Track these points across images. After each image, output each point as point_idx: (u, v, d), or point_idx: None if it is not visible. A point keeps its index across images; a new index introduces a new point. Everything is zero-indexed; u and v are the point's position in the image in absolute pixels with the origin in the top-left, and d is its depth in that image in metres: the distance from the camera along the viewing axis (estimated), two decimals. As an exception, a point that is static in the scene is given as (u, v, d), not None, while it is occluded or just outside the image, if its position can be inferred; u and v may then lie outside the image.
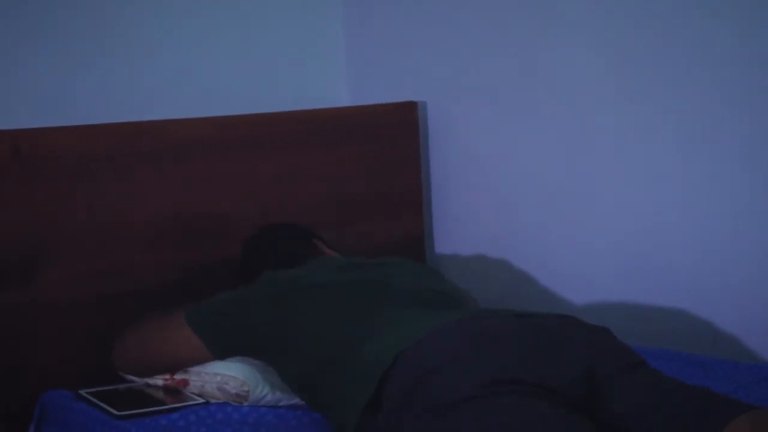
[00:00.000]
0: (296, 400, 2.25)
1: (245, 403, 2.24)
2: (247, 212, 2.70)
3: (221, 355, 2.29)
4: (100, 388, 2.33)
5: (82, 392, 2.30)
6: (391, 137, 3.01)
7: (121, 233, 2.53)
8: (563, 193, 2.81)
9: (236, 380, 2.25)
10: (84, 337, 2.45)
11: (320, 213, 2.84)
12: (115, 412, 2.19)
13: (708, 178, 2.53)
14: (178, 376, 2.32)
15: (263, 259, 2.53)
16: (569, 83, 2.76)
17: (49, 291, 2.42)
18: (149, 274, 2.56)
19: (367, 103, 3.07)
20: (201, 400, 2.25)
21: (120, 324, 2.41)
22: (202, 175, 2.66)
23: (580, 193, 2.77)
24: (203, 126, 2.68)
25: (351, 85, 3.20)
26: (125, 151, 2.55)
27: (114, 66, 2.75)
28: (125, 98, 2.75)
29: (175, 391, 2.31)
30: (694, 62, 2.51)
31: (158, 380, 2.35)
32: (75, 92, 2.68)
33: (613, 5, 2.64)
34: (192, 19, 2.90)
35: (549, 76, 2.79)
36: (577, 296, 2.81)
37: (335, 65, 3.19)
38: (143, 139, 2.58)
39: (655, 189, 2.63)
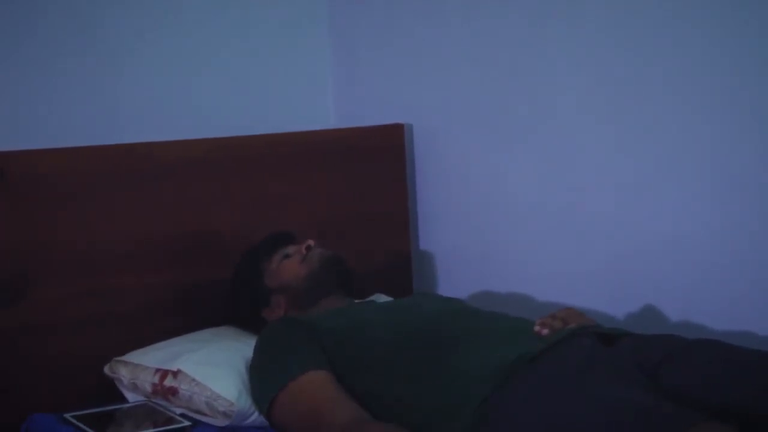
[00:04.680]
0: None
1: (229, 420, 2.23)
2: (233, 233, 2.69)
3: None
4: (84, 411, 2.32)
5: (67, 416, 2.29)
6: (378, 159, 3.02)
7: (108, 254, 2.53)
8: (551, 215, 2.80)
9: (225, 401, 2.24)
10: (71, 358, 2.44)
11: (306, 235, 2.83)
12: (100, 436, 2.20)
13: (698, 200, 2.52)
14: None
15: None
16: (557, 106, 2.75)
17: (36, 312, 2.41)
18: (136, 296, 2.55)
19: (354, 126, 3.08)
20: (186, 423, 2.25)
21: (108, 345, 2.42)
22: (189, 197, 2.66)
23: (568, 215, 2.76)
24: (190, 148, 2.68)
25: (338, 108, 3.21)
26: (112, 172, 2.55)
27: (100, 88, 2.75)
28: (112, 120, 2.76)
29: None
30: (686, 80, 2.50)
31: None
32: (61, 114, 2.69)
33: (599, 28, 2.64)
34: (180, 41, 2.90)
35: (536, 98, 2.79)
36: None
37: (322, 87, 3.20)
38: (130, 161, 2.58)
39: (646, 212, 2.61)
